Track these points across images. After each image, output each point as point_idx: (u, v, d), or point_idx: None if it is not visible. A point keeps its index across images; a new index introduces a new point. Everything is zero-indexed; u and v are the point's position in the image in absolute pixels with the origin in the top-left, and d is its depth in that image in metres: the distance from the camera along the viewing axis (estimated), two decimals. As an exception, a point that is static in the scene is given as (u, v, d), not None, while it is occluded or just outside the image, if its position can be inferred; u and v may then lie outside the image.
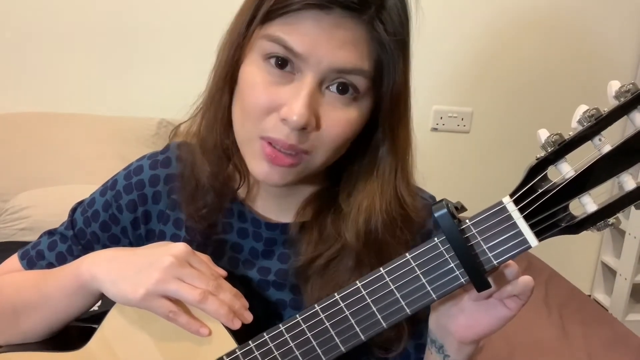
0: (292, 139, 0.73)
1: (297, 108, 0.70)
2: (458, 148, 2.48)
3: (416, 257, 0.68)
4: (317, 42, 0.70)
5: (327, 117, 0.74)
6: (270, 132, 0.73)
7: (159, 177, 0.90)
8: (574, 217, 0.62)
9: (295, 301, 0.87)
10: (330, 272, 0.82)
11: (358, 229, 0.80)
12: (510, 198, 0.64)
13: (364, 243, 0.80)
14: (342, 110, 0.74)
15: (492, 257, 0.65)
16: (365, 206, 0.80)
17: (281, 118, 0.72)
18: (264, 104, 0.73)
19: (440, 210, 0.65)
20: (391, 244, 0.81)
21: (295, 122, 0.71)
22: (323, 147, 0.75)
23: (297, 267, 0.84)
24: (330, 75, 0.72)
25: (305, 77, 0.72)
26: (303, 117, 0.70)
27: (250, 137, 0.76)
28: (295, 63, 0.72)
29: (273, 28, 0.72)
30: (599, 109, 0.59)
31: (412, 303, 0.69)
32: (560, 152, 0.61)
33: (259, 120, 0.74)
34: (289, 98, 0.72)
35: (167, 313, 0.75)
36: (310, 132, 0.74)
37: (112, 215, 0.90)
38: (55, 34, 2.13)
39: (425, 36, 2.42)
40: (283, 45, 0.71)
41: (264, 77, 0.74)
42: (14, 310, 0.87)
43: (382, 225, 0.80)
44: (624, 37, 2.45)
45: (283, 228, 0.87)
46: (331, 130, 0.74)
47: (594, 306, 1.99)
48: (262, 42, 0.74)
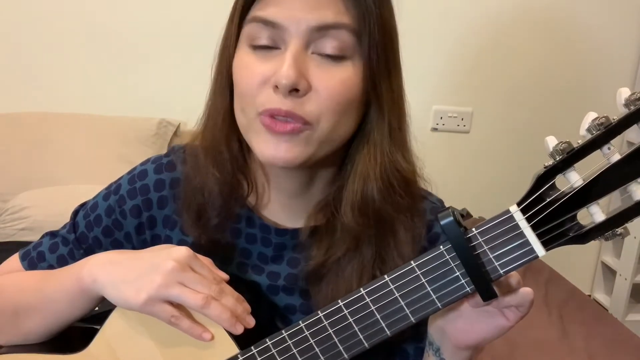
0: (287, 104, 0.73)
1: (284, 70, 0.71)
2: (458, 148, 2.48)
3: (421, 265, 0.68)
4: (292, 8, 0.72)
5: (317, 78, 0.74)
6: (266, 104, 0.74)
7: (164, 182, 0.89)
8: (582, 227, 0.62)
9: (304, 306, 0.87)
10: (341, 267, 0.83)
11: (353, 201, 0.80)
12: (517, 207, 0.63)
13: (360, 216, 0.80)
14: (331, 70, 0.74)
15: (498, 266, 0.65)
16: (359, 173, 0.80)
17: (272, 85, 0.73)
18: (256, 79, 0.74)
19: (446, 218, 0.65)
20: (391, 213, 0.81)
21: (284, 84, 0.71)
22: (322, 112, 0.75)
23: (308, 271, 0.84)
24: (313, 36, 0.73)
25: (289, 44, 0.73)
26: (290, 77, 0.71)
27: (250, 119, 0.77)
28: (278, 36, 0.74)
29: (251, 12, 0.75)
30: (608, 117, 0.58)
31: (416, 311, 0.69)
32: (568, 160, 0.60)
33: (254, 98, 0.75)
34: (277, 67, 0.73)
35: (169, 318, 0.74)
36: (305, 96, 0.74)
37: (116, 221, 0.90)
38: (56, 34, 2.12)
39: (425, 36, 2.43)
40: (263, 22, 0.74)
41: (250, 58, 0.76)
42: (15, 311, 0.87)
43: (379, 192, 0.79)
44: (624, 37, 2.44)
45: (293, 233, 0.87)
46: (325, 91, 0.74)
47: (594, 306, 1.99)
48: (246, 29, 0.76)
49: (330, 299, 0.79)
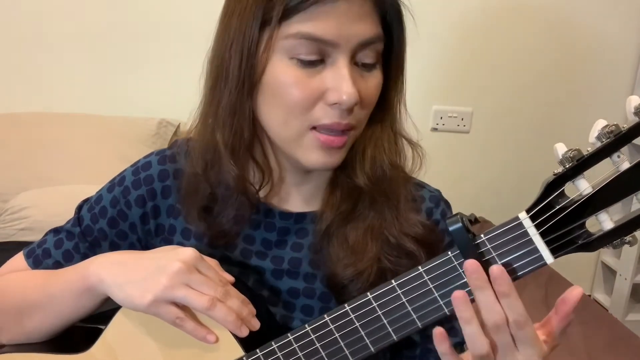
0: (345, 118, 0.77)
1: (346, 88, 0.74)
2: (458, 148, 2.48)
3: (429, 271, 0.68)
4: (341, 24, 0.73)
5: (363, 89, 0.77)
6: (322, 120, 0.77)
7: (168, 172, 0.90)
8: (591, 235, 0.62)
9: (308, 290, 0.87)
10: (351, 220, 0.85)
11: (367, 172, 0.84)
12: (526, 214, 0.63)
13: (373, 180, 0.85)
14: (370, 78, 0.79)
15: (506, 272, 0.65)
16: (371, 141, 0.85)
17: (330, 103, 0.75)
18: (309, 96, 0.76)
19: (455, 224, 0.65)
20: (395, 179, 0.86)
21: (347, 102, 0.75)
22: (363, 117, 0.81)
23: (320, 229, 0.86)
24: (358, 49, 0.76)
25: (339, 59, 0.75)
26: (353, 95, 0.74)
27: (298, 133, 0.78)
28: (326, 51, 0.75)
29: (295, 26, 0.74)
30: (618, 125, 0.58)
31: (423, 317, 0.69)
32: (578, 168, 0.60)
33: (305, 113, 0.77)
34: (331, 83, 0.75)
35: (174, 319, 0.75)
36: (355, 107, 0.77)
37: (121, 211, 0.90)
38: (56, 34, 2.12)
39: (425, 36, 2.42)
40: (313, 39, 0.74)
41: (297, 73, 0.76)
42: (19, 309, 0.87)
43: (387, 156, 0.85)
44: (624, 37, 2.44)
45: (297, 217, 0.88)
46: (368, 99, 0.79)
47: (594, 306, 1.99)
48: (287, 42, 0.75)
49: (344, 256, 0.83)
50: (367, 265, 0.82)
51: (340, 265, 0.83)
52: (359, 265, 0.82)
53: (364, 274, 0.82)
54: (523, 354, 0.66)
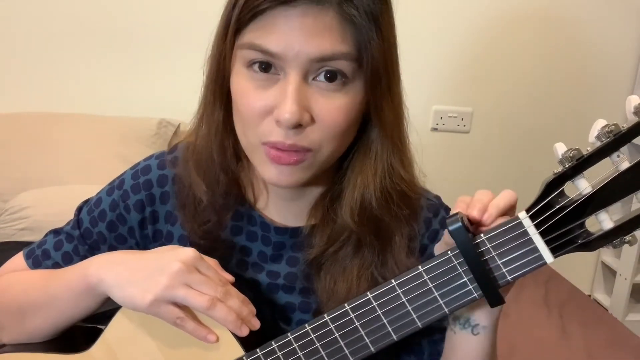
0: (290, 137, 0.73)
1: (287, 106, 0.70)
2: (458, 148, 2.48)
3: (429, 270, 0.68)
4: (290, 38, 0.70)
5: (319, 109, 0.73)
6: (268, 137, 0.74)
7: (167, 177, 0.89)
8: (590, 234, 0.62)
9: (304, 304, 0.87)
10: (339, 258, 0.83)
11: (352, 207, 0.81)
12: (526, 213, 0.63)
13: (359, 221, 0.81)
14: (333, 98, 0.73)
15: (506, 272, 0.65)
16: (359, 183, 0.81)
17: (275, 120, 0.72)
18: (257, 109, 0.73)
19: (454, 224, 0.65)
20: (388, 221, 0.82)
21: (287, 121, 0.71)
22: (324, 139, 0.75)
23: (310, 260, 0.84)
24: (312, 66, 0.71)
25: (289, 74, 0.71)
26: (295, 114, 0.70)
27: (253, 145, 0.77)
28: (276, 64, 0.72)
29: (247, 35, 0.73)
30: (618, 125, 0.58)
31: (423, 316, 0.69)
32: (578, 167, 0.60)
33: (256, 127, 0.75)
34: (278, 99, 0.72)
35: (175, 319, 0.75)
36: (307, 127, 0.73)
37: (120, 215, 0.90)
38: (55, 34, 2.12)
39: (425, 36, 2.42)
40: (259, 50, 0.71)
41: (250, 84, 0.74)
42: (20, 309, 0.87)
43: (376, 201, 0.80)
44: (624, 37, 2.44)
45: (292, 232, 0.87)
46: (326, 120, 0.74)
47: (594, 306, 1.99)
48: (241, 52, 0.74)
49: (329, 290, 0.81)
50: None
51: (333, 301, 0.81)
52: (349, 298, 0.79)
53: None
54: None
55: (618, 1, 2.39)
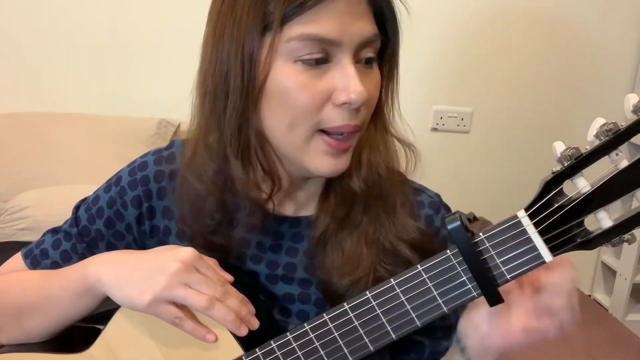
0: (354, 119, 0.76)
1: (354, 86, 0.73)
2: (458, 148, 2.48)
3: (428, 269, 0.68)
4: (343, 23, 0.73)
5: (368, 87, 0.76)
6: (330, 122, 0.75)
7: (164, 173, 0.89)
8: (589, 233, 0.62)
9: (303, 295, 0.87)
10: (345, 228, 0.84)
11: (363, 176, 0.83)
12: (525, 212, 0.63)
13: (365, 183, 0.83)
14: (372, 76, 0.78)
15: (505, 271, 0.65)
16: (370, 148, 0.84)
17: (339, 103, 0.74)
18: (316, 98, 0.74)
19: (453, 222, 0.65)
20: (389, 187, 0.85)
21: (357, 101, 0.73)
22: (367, 117, 0.80)
23: (315, 237, 0.84)
24: (360, 47, 0.75)
25: (343, 58, 0.74)
26: (363, 93, 0.73)
27: (305, 138, 0.77)
28: (330, 51, 0.74)
29: (297, 28, 0.72)
30: (616, 124, 0.58)
31: (422, 315, 0.69)
32: (576, 166, 0.60)
33: (312, 118, 0.75)
34: (339, 83, 0.74)
35: (174, 319, 0.75)
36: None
37: (117, 212, 0.90)
38: (55, 34, 2.12)
39: (425, 36, 2.41)
40: (317, 40, 0.73)
41: (303, 76, 0.74)
42: (18, 310, 0.87)
43: (384, 165, 0.84)
44: (624, 37, 2.44)
45: (292, 222, 0.87)
46: (371, 98, 0.78)
47: (594, 306, 1.99)
48: (289, 45, 0.73)
49: (338, 265, 0.82)
50: (364, 274, 0.81)
51: (336, 274, 0.82)
52: (355, 274, 0.81)
53: (361, 282, 0.80)
54: None
55: (618, 2, 2.39)
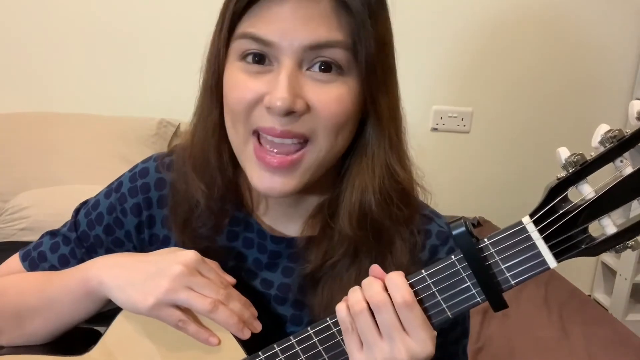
0: (284, 124, 0.71)
1: (279, 92, 0.69)
2: (458, 148, 2.48)
3: (432, 275, 0.68)
4: (284, 26, 0.69)
5: (315, 97, 0.71)
6: (259, 123, 0.72)
7: (165, 181, 0.88)
8: (594, 239, 0.62)
9: (296, 317, 0.85)
10: (337, 270, 0.80)
11: (351, 211, 0.78)
12: (530, 218, 0.63)
13: (357, 226, 0.78)
14: (328, 88, 0.72)
15: (509, 277, 0.65)
16: (357, 185, 0.78)
17: (266, 107, 0.71)
18: (248, 98, 0.72)
19: (458, 228, 0.65)
20: (388, 225, 0.79)
21: (279, 107, 0.69)
22: (319, 128, 0.72)
23: (305, 275, 0.82)
24: (307, 55, 0.70)
25: (282, 62, 0.70)
26: (286, 100, 0.69)
27: (244, 140, 0.75)
28: (270, 53, 0.71)
29: (241, 26, 0.72)
30: (621, 130, 0.58)
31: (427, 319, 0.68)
32: (581, 172, 0.60)
33: (246, 117, 0.73)
34: (268, 87, 0.71)
35: (177, 322, 0.74)
36: (302, 116, 0.71)
37: (117, 219, 0.89)
38: (55, 34, 2.12)
39: (425, 36, 2.42)
40: (254, 39, 0.71)
41: (243, 75, 0.73)
42: (18, 313, 0.86)
43: (376, 203, 0.77)
44: (624, 37, 2.45)
45: (289, 242, 0.85)
46: (322, 109, 0.71)
47: (594, 306, 1.99)
48: (235, 43, 0.73)
49: (326, 304, 0.79)
50: None
51: (325, 314, 0.77)
52: None
53: None
54: (415, 338, 0.67)
55: (618, 1, 2.39)
